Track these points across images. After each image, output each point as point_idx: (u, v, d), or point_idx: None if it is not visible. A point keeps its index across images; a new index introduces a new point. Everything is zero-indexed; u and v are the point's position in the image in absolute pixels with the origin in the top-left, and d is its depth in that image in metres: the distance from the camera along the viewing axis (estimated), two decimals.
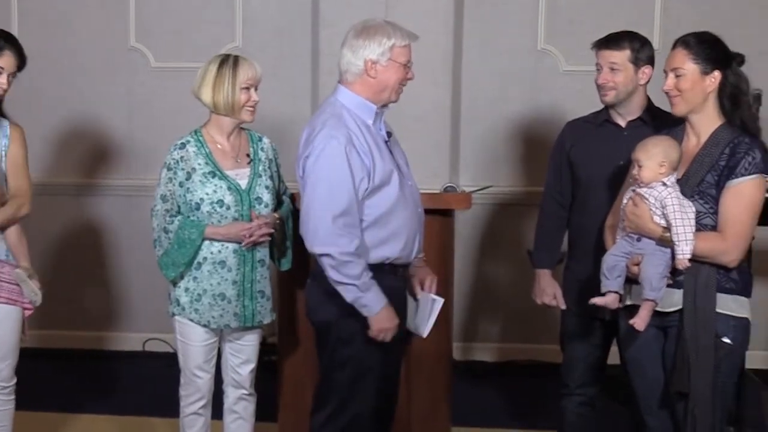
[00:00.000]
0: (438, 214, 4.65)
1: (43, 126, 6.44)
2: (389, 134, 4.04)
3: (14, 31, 6.38)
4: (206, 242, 4.22)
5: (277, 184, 4.38)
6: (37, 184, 6.35)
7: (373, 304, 3.84)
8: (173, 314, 4.33)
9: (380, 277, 3.90)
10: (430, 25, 5.91)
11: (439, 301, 4.03)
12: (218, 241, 4.21)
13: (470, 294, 6.42)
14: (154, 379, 5.94)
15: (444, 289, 4.71)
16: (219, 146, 4.28)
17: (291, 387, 4.81)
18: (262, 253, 4.30)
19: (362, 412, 4.01)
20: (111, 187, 6.54)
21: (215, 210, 4.20)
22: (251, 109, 4.23)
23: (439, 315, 4.10)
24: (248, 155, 4.31)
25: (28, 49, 6.47)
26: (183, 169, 4.23)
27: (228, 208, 4.21)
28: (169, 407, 4.62)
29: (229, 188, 4.21)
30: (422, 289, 4.12)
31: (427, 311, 4.04)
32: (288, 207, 4.44)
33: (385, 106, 3.98)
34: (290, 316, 4.75)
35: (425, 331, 4.08)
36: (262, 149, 4.34)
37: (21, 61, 4.36)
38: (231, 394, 4.47)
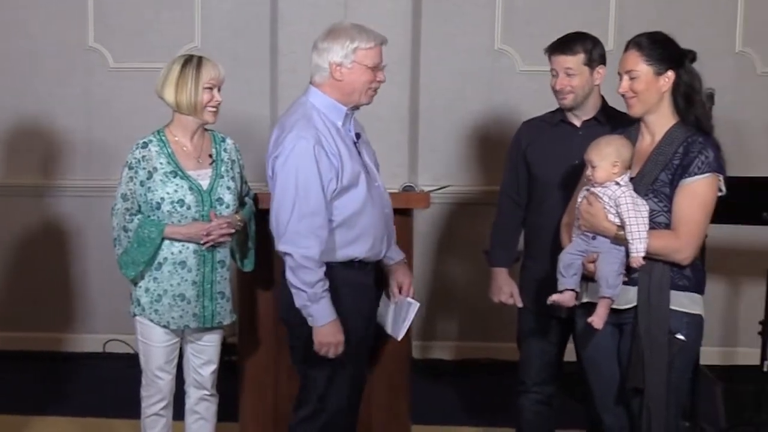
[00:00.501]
0: (397, 214, 4.61)
1: (0, 127, 6.41)
2: (358, 135, 4.07)
3: None
4: (167, 243, 4.21)
5: (239, 186, 4.36)
6: None
7: (318, 316, 3.89)
8: (134, 314, 4.31)
9: (350, 273, 3.98)
10: (389, 25, 5.89)
11: (416, 305, 4.07)
12: (178, 241, 4.20)
13: (429, 293, 6.42)
14: (115, 381, 5.90)
15: None
16: (181, 146, 4.26)
17: (252, 387, 4.79)
18: (222, 254, 4.28)
19: (340, 408, 4.07)
20: (70, 188, 6.49)
21: (176, 210, 4.19)
22: (213, 109, 4.23)
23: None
24: (211, 156, 4.29)
25: None
26: (144, 168, 4.22)
27: (188, 208, 4.19)
28: (131, 408, 4.59)
29: (190, 188, 4.20)
30: (400, 292, 4.17)
31: (402, 314, 4.08)
32: (251, 208, 4.43)
33: (355, 107, 4.03)
34: (251, 316, 4.73)
35: (400, 334, 4.11)
36: (225, 150, 4.33)
37: None
38: (192, 395, 4.46)
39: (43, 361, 6.43)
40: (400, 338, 4.16)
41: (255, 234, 4.41)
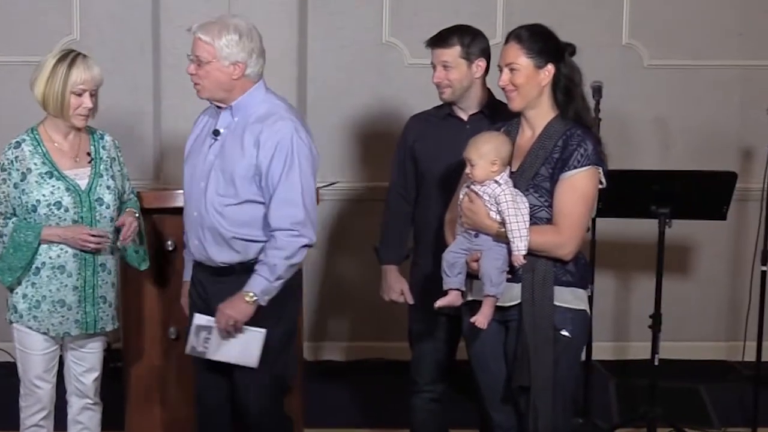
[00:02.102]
0: None
1: None
2: (216, 132, 4.09)
3: None
4: (44, 246, 4.14)
5: (120, 184, 4.30)
6: None
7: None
8: (11, 321, 4.24)
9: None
10: (274, 17, 5.92)
11: (263, 332, 3.98)
12: (57, 244, 4.14)
13: (319, 292, 6.44)
14: None
15: None
16: (56, 145, 4.20)
17: (137, 394, 4.74)
18: (105, 256, 4.22)
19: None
20: None
21: (53, 212, 4.13)
22: (82, 115, 4.14)
23: None
24: (89, 154, 4.23)
25: None
26: (18, 170, 4.16)
27: (66, 210, 4.13)
28: (9, 420, 4.53)
29: (67, 189, 4.14)
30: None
31: (255, 345, 3.99)
32: (136, 204, 4.38)
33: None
34: (137, 321, 4.69)
35: (256, 363, 4.01)
36: (103, 147, 4.27)
37: None
38: (75, 404, 4.40)
39: None
40: (257, 366, 4.03)
41: (144, 232, 4.39)
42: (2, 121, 6.04)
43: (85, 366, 4.35)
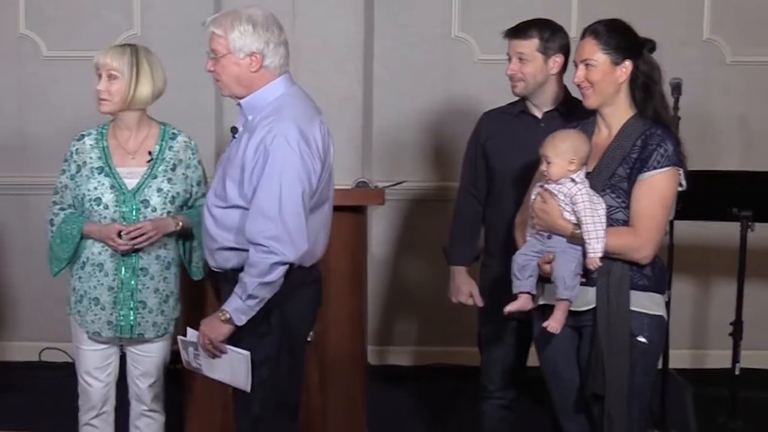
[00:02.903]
0: (350, 211, 4.67)
1: None
2: (234, 129, 3.98)
3: None
4: (90, 242, 4.19)
5: (183, 188, 4.25)
6: None
7: None
8: (68, 313, 4.33)
9: None
10: (340, 12, 5.95)
11: (245, 354, 3.78)
12: (99, 241, 4.18)
13: (385, 295, 6.45)
14: (52, 392, 5.88)
15: (357, 289, 4.78)
16: (118, 141, 4.25)
17: (198, 398, 4.79)
18: (147, 260, 4.20)
19: None
20: (3, 186, 6.47)
21: (93, 208, 4.17)
22: (99, 99, 4.18)
23: (351, 315, 4.13)
24: (150, 153, 4.23)
25: None
26: (75, 162, 4.24)
27: (106, 207, 4.16)
28: (68, 421, 4.58)
29: (111, 186, 4.17)
30: None
31: (243, 367, 3.80)
32: (199, 213, 4.22)
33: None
34: (197, 326, 4.72)
35: (249, 386, 3.83)
36: (170, 148, 4.25)
37: None
38: (134, 408, 4.42)
39: None
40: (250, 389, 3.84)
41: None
42: (65, 114, 6.17)
43: (140, 370, 4.37)
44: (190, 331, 3.92)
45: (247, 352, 3.76)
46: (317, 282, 3.98)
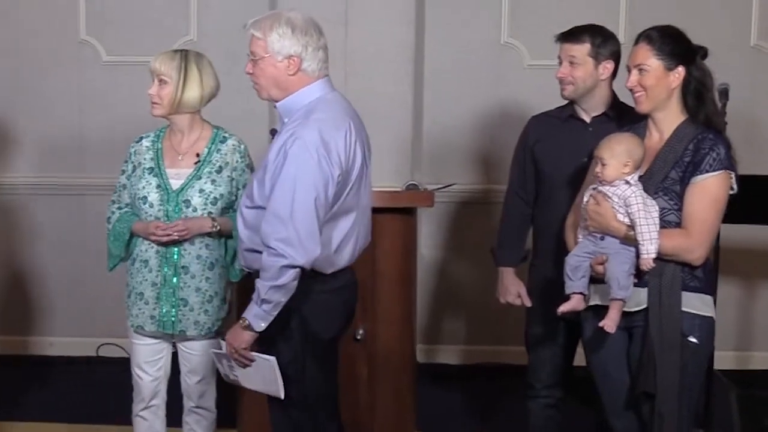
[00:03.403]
0: (400, 213, 4.67)
1: None
2: (273, 131, 3.99)
3: None
4: (139, 239, 4.25)
5: (227, 189, 4.25)
6: None
7: None
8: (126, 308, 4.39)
9: None
10: (391, 17, 5.94)
11: (271, 360, 3.73)
12: (145, 238, 4.23)
13: (434, 294, 6.45)
14: (109, 386, 5.92)
15: (406, 289, 4.77)
16: (171, 143, 4.30)
17: (250, 394, 4.78)
18: (188, 259, 4.22)
19: None
20: (62, 186, 6.52)
21: (141, 206, 4.23)
22: (151, 103, 4.23)
23: (400, 314, 4.10)
24: (198, 155, 4.26)
25: None
26: (132, 163, 4.31)
27: (151, 205, 4.21)
28: (124, 414, 4.60)
29: (157, 186, 4.22)
30: None
31: (272, 373, 3.76)
32: None
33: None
34: None
35: (282, 392, 3.79)
36: (218, 151, 4.27)
37: None
38: (185, 404, 4.45)
39: (35, 365, 6.47)
40: (283, 395, 3.79)
41: None
42: (123, 118, 6.21)
43: (188, 367, 4.39)
44: (222, 343, 3.86)
45: (272, 358, 3.71)
46: (343, 290, 3.88)
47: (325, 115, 3.69)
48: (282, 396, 3.76)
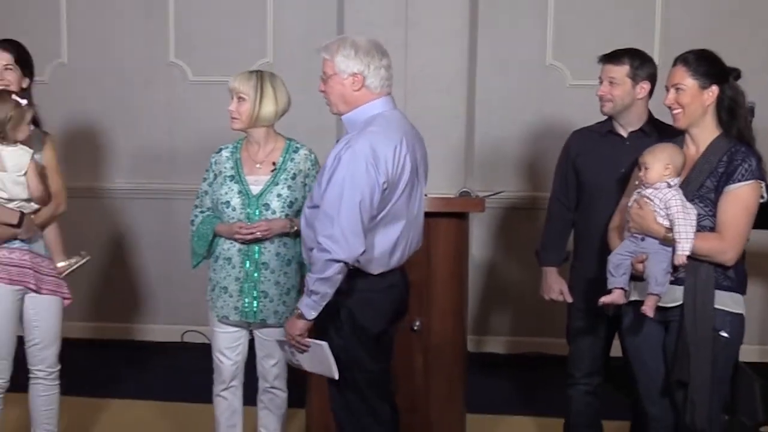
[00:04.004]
0: (454, 217, 4.65)
1: (87, 135, 6.51)
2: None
3: (63, 47, 6.52)
4: (222, 239, 4.27)
5: (304, 194, 4.26)
6: (86, 188, 6.49)
7: None
8: (207, 300, 4.39)
9: None
10: (448, 41, 5.93)
11: (323, 345, 3.75)
12: (227, 238, 4.24)
13: (483, 291, 6.42)
14: (192, 368, 5.92)
15: (459, 285, 4.73)
16: (248, 153, 4.31)
17: (318, 380, 4.74)
18: (268, 256, 4.24)
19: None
20: (153, 191, 6.59)
21: (224, 210, 4.24)
22: (231, 118, 4.23)
23: (453, 308, 4.07)
24: (274, 164, 4.28)
25: (76, 63, 6.61)
26: (213, 171, 4.33)
27: (234, 209, 4.22)
28: (205, 394, 4.61)
29: (239, 192, 4.23)
30: None
31: (325, 357, 3.77)
32: None
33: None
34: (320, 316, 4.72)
35: (336, 373, 3.80)
36: (292, 159, 4.29)
37: (24, 60, 4.40)
38: (260, 384, 4.48)
39: (130, 349, 6.55)
40: (337, 376, 3.79)
41: None
42: (206, 131, 6.25)
43: (265, 351, 4.40)
44: (315, 343, 3.82)
45: (324, 343, 3.74)
46: (391, 289, 3.84)
47: (379, 128, 3.69)
48: (336, 377, 3.78)
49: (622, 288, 3.73)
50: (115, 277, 6.67)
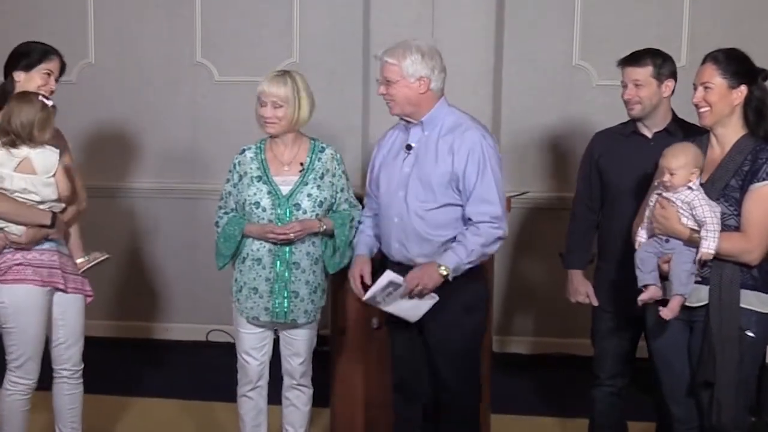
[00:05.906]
0: None
1: (113, 134, 6.54)
2: (409, 147, 4.09)
3: (90, 47, 6.56)
4: (250, 240, 4.27)
5: (329, 194, 4.30)
6: (111, 188, 6.53)
7: None
8: (232, 301, 4.41)
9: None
10: (474, 42, 5.93)
11: (436, 298, 4.02)
12: (256, 239, 4.25)
13: (508, 291, 6.40)
14: (216, 367, 5.94)
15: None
16: (274, 154, 4.31)
17: (342, 375, 4.82)
18: (299, 256, 4.26)
19: None
20: (177, 191, 6.60)
21: (253, 211, 4.25)
22: (267, 123, 4.23)
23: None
24: (302, 164, 4.29)
25: (103, 64, 6.64)
26: (237, 172, 4.33)
27: (264, 209, 4.23)
28: (229, 393, 4.63)
29: (269, 192, 4.24)
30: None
31: (426, 308, 4.06)
32: (344, 217, 4.31)
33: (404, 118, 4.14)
34: (342, 311, 4.75)
35: (415, 319, 4.11)
36: (319, 159, 4.31)
37: (63, 67, 4.45)
38: (285, 382, 4.51)
39: (154, 348, 6.57)
40: (414, 319, 4.10)
41: (348, 239, 4.32)
42: (228, 132, 6.30)
43: (291, 350, 4.43)
44: (393, 274, 4.01)
45: (436, 297, 3.99)
46: (483, 279, 4.21)
47: (473, 120, 4.10)
48: (414, 320, 4.07)
49: (653, 284, 3.72)
50: (140, 276, 6.70)
